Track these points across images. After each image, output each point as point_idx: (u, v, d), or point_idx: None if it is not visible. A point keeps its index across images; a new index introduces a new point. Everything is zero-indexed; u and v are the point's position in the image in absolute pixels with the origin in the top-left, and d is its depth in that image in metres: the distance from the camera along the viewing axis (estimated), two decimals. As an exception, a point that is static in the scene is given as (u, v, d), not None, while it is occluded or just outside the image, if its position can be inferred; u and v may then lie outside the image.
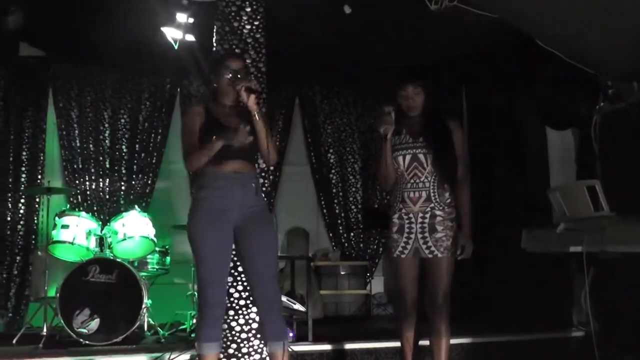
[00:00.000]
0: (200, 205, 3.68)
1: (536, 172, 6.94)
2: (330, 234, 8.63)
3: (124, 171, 7.89)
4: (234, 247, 3.81)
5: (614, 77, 5.31)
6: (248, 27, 5.08)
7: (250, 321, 4.64)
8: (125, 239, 6.31)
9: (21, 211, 7.47)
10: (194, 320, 6.50)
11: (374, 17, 6.29)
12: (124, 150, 7.93)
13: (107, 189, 7.79)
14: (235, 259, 4.26)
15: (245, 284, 4.60)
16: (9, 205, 7.46)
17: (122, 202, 7.78)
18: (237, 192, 3.70)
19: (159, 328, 6.15)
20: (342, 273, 8.20)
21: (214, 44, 5.28)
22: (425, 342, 4.23)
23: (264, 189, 4.89)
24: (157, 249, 6.63)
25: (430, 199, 4.08)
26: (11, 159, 7.54)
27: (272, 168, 8.11)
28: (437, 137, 4.14)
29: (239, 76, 3.73)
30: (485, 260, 6.74)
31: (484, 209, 7.89)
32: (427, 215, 4.07)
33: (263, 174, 4.94)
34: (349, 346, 5.62)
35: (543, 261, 5.18)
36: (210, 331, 3.63)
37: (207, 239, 3.62)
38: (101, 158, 7.82)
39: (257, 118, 3.67)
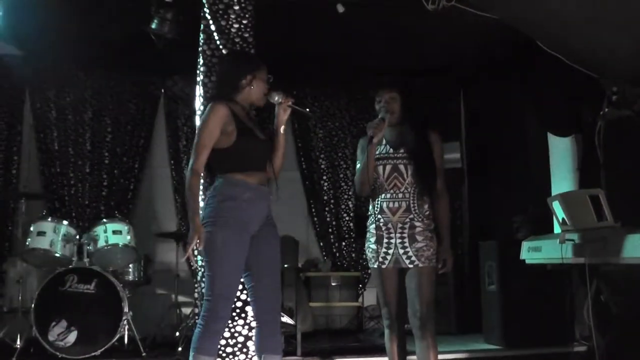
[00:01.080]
0: (227, 216, 3.64)
1: (537, 180, 6.94)
2: (321, 243, 8.61)
3: (104, 176, 7.86)
4: None
5: (619, 82, 5.31)
6: (236, 25, 5.08)
7: (237, 334, 4.62)
8: (105, 247, 6.28)
9: (-5, 217, 7.43)
10: (178, 334, 6.47)
11: (368, 16, 6.29)
12: (105, 154, 7.90)
13: (87, 194, 7.76)
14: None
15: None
16: (-18, 210, 7.42)
17: (102, 208, 7.75)
18: (261, 206, 3.77)
19: (140, 341, 6.11)
20: (333, 284, 8.17)
21: (200, 44, 5.27)
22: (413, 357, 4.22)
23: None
24: (138, 257, 6.60)
25: (410, 210, 4.14)
26: (-15, 162, 7.50)
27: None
28: (418, 149, 4.20)
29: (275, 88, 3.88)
30: (484, 272, 6.73)
31: (482, 218, 7.90)
32: (407, 226, 4.13)
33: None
34: (339, 361, 5.61)
35: (544, 273, 5.17)
36: (211, 345, 3.61)
37: (231, 255, 3.62)
38: (81, 162, 7.79)
39: (282, 134, 3.86)
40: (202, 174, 3.73)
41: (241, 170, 3.69)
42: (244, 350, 4.58)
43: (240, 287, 4.39)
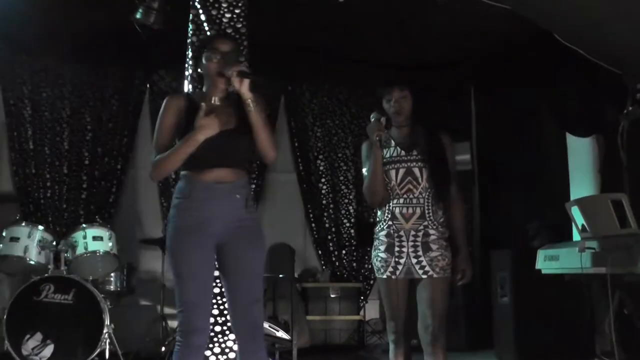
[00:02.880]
0: (178, 216, 3.60)
1: (555, 184, 6.94)
2: (319, 252, 8.62)
3: (84, 177, 7.85)
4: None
5: (644, 78, 5.32)
6: (228, 15, 5.08)
7: (227, 350, 4.62)
8: (84, 254, 6.27)
9: (-36, 221, 7.42)
10: (164, 349, 6.46)
11: (370, 6, 6.29)
12: (85, 153, 7.89)
13: (65, 197, 7.75)
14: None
15: (222, 307, 4.57)
16: (-50, 214, 7.41)
17: (81, 212, 7.74)
18: (218, 206, 3.61)
19: (122, 356, 6.10)
20: (332, 296, 8.17)
21: (189, 34, 5.26)
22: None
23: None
24: (120, 265, 6.59)
25: (425, 216, 4.13)
26: (-47, 162, 7.52)
27: (253, 176, 8.12)
28: (433, 149, 4.20)
29: (229, 60, 3.63)
30: (496, 283, 6.73)
31: (493, 224, 7.89)
32: (420, 234, 4.11)
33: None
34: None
35: (561, 284, 5.16)
36: None
37: (185, 255, 3.54)
38: (58, 162, 7.78)
39: (252, 107, 3.56)
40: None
41: (194, 168, 3.58)
42: (236, 367, 4.56)
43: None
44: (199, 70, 3.71)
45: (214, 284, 4.47)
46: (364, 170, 4.30)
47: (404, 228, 4.12)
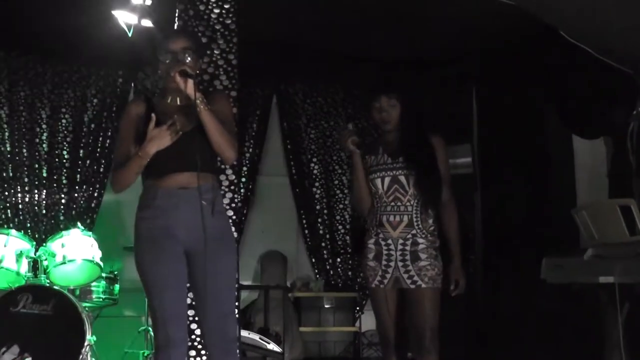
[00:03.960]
0: (140, 227, 3.64)
1: (560, 188, 6.95)
2: (313, 260, 8.61)
3: (64, 181, 7.82)
4: None
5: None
6: (217, 11, 5.08)
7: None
8: (64, 263, 6.24)
9: None
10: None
11: (369, 2, 6.29)
12: (65, 156, 7.86)
13: (44, 202, 7.72)
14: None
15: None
16: None
17: (62, 218, 7.72)
18: (183, 212, 3.60)
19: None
20: (327, 306, 8.17)
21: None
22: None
23: (233, 204, 4.85)
24: (103, 274, 6.57)
25: (412, 225, 4.18)
26: None
27: (243, 179, 8.11)
28: (419, 156, 4.25)
29: (179, 60, 3.62)
30: (498, 294, 6.73)
31: (497, 231, 7.89)
32: (408, 242, 4.17)
33: (232, 187, 4.90)
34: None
35: (567, 294, 5.17)
36: None
37: (153, 266, 3.56)
38: (37, 165, 7.75)
39: (202, 107, 3.52)
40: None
41: (152, 175, 3.61)
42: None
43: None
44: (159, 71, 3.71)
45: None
46: (351, 180, 4.36)
47: (392, 236, 4.18)
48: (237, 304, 4.39)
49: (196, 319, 4.53)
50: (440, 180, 4.24)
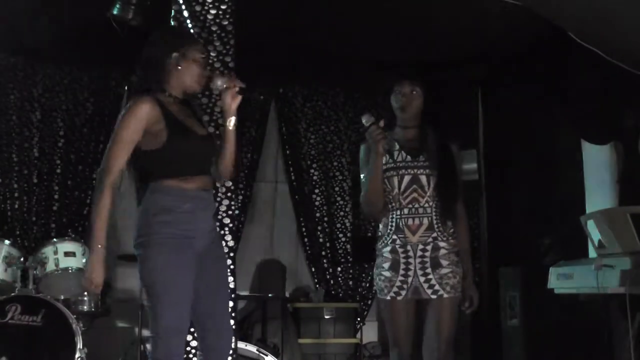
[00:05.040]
0: (161, 232, 3.54)
1: (569, 195, 6.94)
2: (313, 269, 8.60)
3: (56, 187, 7.83)
4: None
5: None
6: (213, 11, 5.06)
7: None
8: (55, 271, 6.24)
9: None
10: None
11: (371, 3, 6.29)
12: (57, 161, 7.87)
13: (35, 209, 7.72)
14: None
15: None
16: None
17: (52, 225, 7.71)
18: (204, 217, 3.66)
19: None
20: (327, 317, 8.15)
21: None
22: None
23: (230, 212, 4.85)
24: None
25: (433, 227, 4.07)
26: None
27: (240, 186, 8.11)
28: (444, 158, 4.16)
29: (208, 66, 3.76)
30: (505, 304, 6.72)
31: (502, 239, 7.89)
32: (429, 247, 4.05)
33: (229, 194, 4.89)
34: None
35: (576, 305, 5.17)
36: None
37: (176, 278, 3.50)
38: (27, 171, 7.76)
39: (232, 125, 3.70)
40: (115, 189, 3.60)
41: (176, 176, 3.56)
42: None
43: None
44: (172, 66, 3.68)
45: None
46: (362, 176, 4.27)
47: (411, 242, 4.05)
48: (233, 314, 4.36)
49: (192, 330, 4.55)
50: (459, 187, 4.18)
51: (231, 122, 3.68)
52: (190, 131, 3.64)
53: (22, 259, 6.31)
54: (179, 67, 3.66)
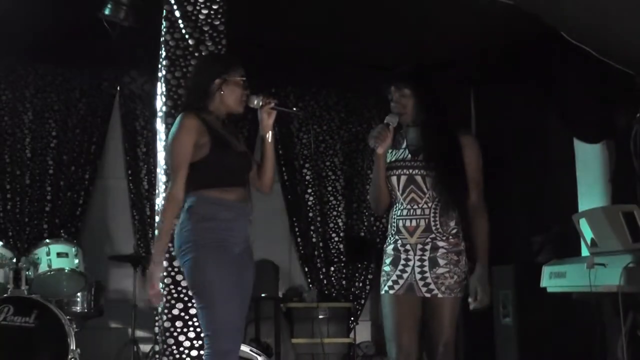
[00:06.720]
0: (207, 237, 3.74)
1: (561, 194, 6.94)
2: (306, 269, 8.61)
3: (48, 188, 7.82)
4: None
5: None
6: (205, 12, 5.08)
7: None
8: (48, 272, 6.23)
9: None
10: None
11: (362, 3, 6.28)
12: (49, 162, 7.86)
13: (27, 210, 7.71)
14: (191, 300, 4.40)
15: (198, 330, 4.60)
16: None
17: (45, 226, 7.71)
18: (241, 226, 3.86)
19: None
20: (320, 317, 8.14)
21: (162, 33, 5.25)
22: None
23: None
24: (88, 285, 6.55)
25: (430, 229, 4.04)
26: None
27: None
28: (440, 154, 4.10)
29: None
30: (498, 302, 6.72)
31: (495, 238, 7.89)
32: (428, 247, 4.02)
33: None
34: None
35: (569, 303, 5.16)
36: None
37: (225, 277, 3.69)
38: (19, 172, 7.75)
39: (270, 140, 3.98)
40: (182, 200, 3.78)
41: (217, 186, 3.77)
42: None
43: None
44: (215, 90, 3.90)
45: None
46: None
47: (410, 242, 4.04)
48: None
49: (186, 330, 4.61)
50: (465, 181, 4.12)
51: (269, 137, 3.96)
52: (230, 146, 3.87)
53: (14, 260, 6.29)
54: (222, 92, 3.90)
